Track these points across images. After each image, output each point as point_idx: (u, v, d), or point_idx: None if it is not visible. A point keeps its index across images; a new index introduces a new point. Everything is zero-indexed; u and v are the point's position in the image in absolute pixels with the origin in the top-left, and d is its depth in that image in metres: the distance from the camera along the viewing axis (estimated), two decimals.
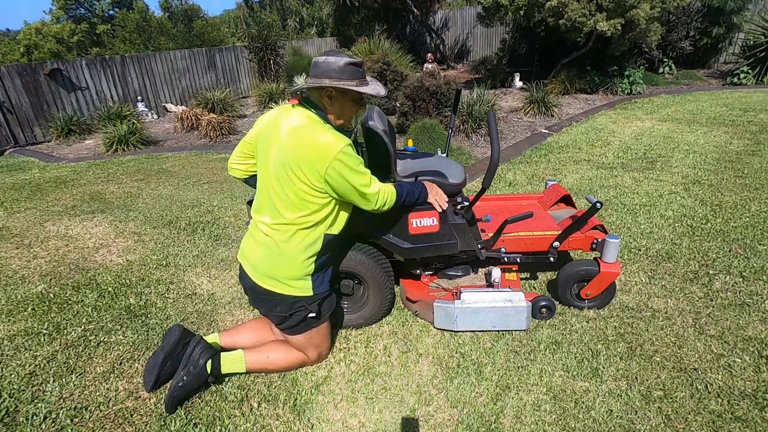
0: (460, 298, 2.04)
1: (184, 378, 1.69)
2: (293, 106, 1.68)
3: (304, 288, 1.72)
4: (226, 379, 1.84)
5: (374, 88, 1.66)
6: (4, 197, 4.34)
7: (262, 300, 1.77)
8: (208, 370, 1.74)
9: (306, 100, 1.68)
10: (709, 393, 1.68)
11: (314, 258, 1.71)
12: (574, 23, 6.66)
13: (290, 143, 1.58)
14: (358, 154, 1.67)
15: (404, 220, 1.97)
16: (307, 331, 1.80)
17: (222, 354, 1.80)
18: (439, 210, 1.97)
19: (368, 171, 1.66)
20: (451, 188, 2.17)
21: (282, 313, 1.74)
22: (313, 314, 1.76)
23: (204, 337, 1.87)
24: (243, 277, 1.79)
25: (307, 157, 1.55)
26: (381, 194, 1.70)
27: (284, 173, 1.58)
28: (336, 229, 1.75)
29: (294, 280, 1.70)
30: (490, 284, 2.17)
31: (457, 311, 2.00)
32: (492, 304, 2.01)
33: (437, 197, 1.97)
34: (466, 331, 2.07)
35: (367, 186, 1.65)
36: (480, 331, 2.07)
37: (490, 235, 2.11)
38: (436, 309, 2.04)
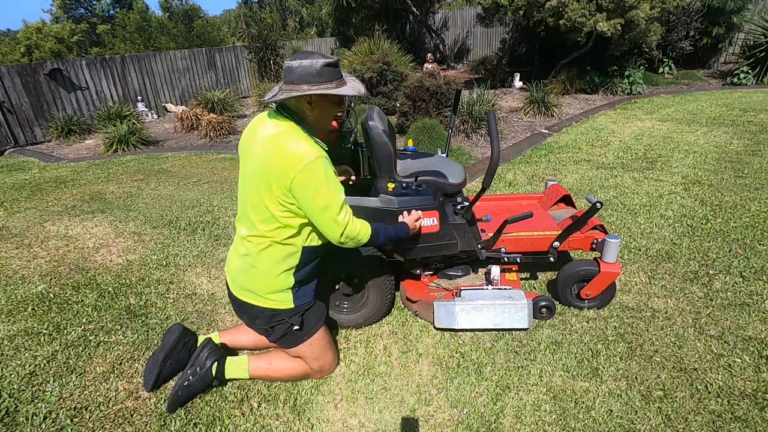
0: (460, 296, 2.05)
1: (190, 378, 1.69)
2: (268, 114, 1.60)
3: (283, 300, 1.64)
4: None
5: (354, 87, 1.56)
6: (4, 197, 4.34)
7: (242, 312, 1.74)
8: (213, 373, 1.73)
9: (281, 106, 1.57)
10: (709, 393, 1.68)
11: (292, 271, 1.63)
12: (574, 23, 6.66)
13: (263, 152, 1.51)
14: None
15: None
16: (298, 345, 1.72)
17: (227, 358, 1.79)
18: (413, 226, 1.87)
19: (340, 194, 1.54)
20: (451, 188, 2.17)
21: (262, 325, 1.70)
22: (297, 327, 1.68)
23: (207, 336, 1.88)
24: (228, 287, 1.76)
25: (276, 166, 1.47)
26: (350, 226, 1.56)
27: (258, 184, 1.52)
28: (317, 241, 1.65)
29: (271, 293, 1.63)
30: (489, 282, 2.17)
31: (457, 308, 1.99)
32: (492, 301, 2.01)
33: (416, 222, 1.88)
34: (467, 331, 2.07)
35: (334, 208, 1.51)
36: (480, 330, 2.07)
37: (490, 235, 2.11)
38: (437, 307, 2.04)
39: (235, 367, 1.78)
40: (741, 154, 4.35)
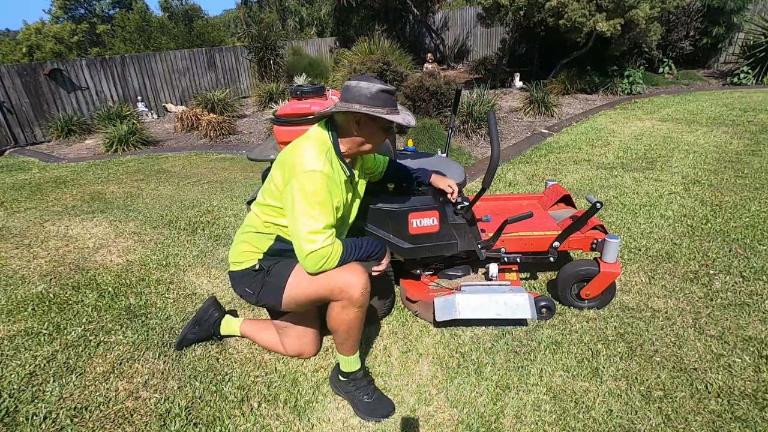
0: (460, 290, 2.05)
1: (196, 327, 2.03)
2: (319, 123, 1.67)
3: (249, 259, 1.72)
4: (227, 378, 1.85)
5: (405, 117, 1.57)
6: (4, 197, 4.34)
7: (232, 284, 1.86)
8: (214, 326, 2.02)
9: (331, 120, 1.63)
10: (709, 393, 1.68)
11: (262, 250, 1.69)
12: (573, 23, 6.66)
13: (292, 143, 1.63)
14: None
15: (404, 220, 1.97)
16: (282, 299, 1.67)
17: (225, 317, 2.07)
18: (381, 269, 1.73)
19: (325, 216, 1.50)
20: None
21: (239, 289, 1.77)
22: (265, 271, 1.70)
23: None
24: None
25: (287, 159, 1.56)
26: (322, 251, 1.49)
27: (276, 164, 1.63)
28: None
29: (237, 260, 1.74)
30: (488, 280, 2.17)
31: (458, 298, 1.97)
32: (493, 292, 1.99)
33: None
34: (468, 324, 2.07)
35: (305, 227, 1.48)
36: (482, 324, 2.07)
37: (490, 235, 2.11)
38: (437, 301, 2.01)
39: (230, 326, 2.05)
40: (741, 154, 4.35)
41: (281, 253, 1.69)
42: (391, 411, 1.68)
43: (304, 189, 1.47)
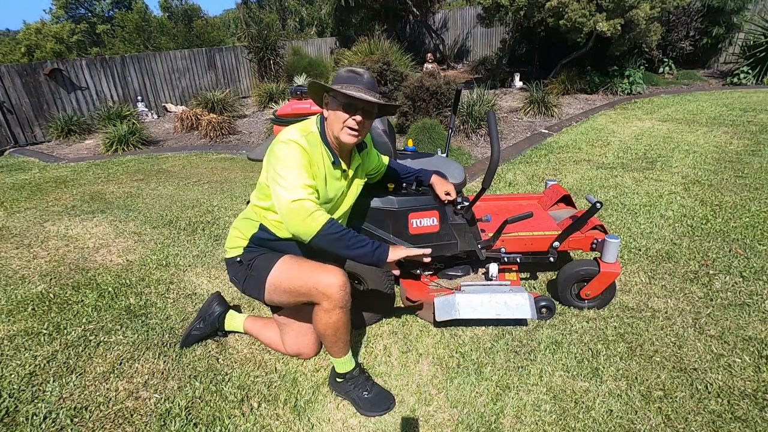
0: (460, 290, 2.04)
1: (200, 325, 2.03)
2: None
3: (238, 246, 1.76)
4: (227, 378, 1.85)
5: (360, 94, 1.51)
6: (4, 197, 4.34)
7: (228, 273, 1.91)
8: (217, 322, 2.03)
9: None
10: (709, 393, 1.68)
11: (247, 236, 1.73)
12: (574, 23, 6.66)
13: None
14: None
15: (404, 220, 1.97)
16: (265, 289, 1.67)
17: (229, 312, 2.06)
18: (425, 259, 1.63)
19: (303, 175, 1.48)
20: None
21: (231, 277, 1.81)
22: (247, 265, 1.72)
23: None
24: None
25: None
26: (299, 208, 1.44)
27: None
28: (274, 227, 1.68)
29: (230, 246, 1.79)
30: (488, 280, 2.17)
31: (458, 298, 1.97)
32: (494, 292, 1.99)
33: (407, 254, 1.59)
34: (468, 325, 2.07)
35: (284, 183, 1.47)
36: (481, 326, 2.06)
37: (490, 235, 2.11)
38: (437, 301, 2.01)
39: (233, 322, 2.04)
40: (741, 154, 4.35)
41: (264, 243, 1.73)
42: (392, 404, 1.69)
43: (279, 155, 1.53)
